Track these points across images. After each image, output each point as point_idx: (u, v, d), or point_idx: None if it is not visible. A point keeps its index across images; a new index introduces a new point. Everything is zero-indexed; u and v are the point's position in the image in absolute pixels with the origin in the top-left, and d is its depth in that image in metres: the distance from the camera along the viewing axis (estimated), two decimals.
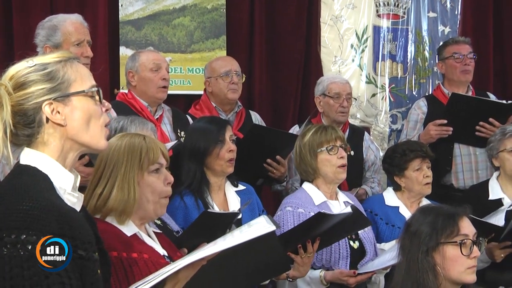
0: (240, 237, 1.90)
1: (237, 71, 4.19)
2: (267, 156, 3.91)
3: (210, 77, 4.22)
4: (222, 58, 4.47)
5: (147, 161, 2.28)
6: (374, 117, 5.24)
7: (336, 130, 3.44)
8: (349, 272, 3.23)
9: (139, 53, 4.01)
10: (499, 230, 3.52)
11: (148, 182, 2.29)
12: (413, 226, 2.34)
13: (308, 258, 3.06)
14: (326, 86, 4.29)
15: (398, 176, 3.74)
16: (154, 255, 2.24)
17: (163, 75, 3.85)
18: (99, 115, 1.81)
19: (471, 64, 4.52)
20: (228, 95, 4.14)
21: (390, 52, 5.30)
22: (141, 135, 2.37)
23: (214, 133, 3.24)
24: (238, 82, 4.19)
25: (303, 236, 3.02)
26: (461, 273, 2.30)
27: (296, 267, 3.06)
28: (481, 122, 4.24)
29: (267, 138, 3.93)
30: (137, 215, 2.28)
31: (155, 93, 3.83)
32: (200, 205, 3.15)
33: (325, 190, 3.40)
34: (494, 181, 3.94)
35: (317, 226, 2.98)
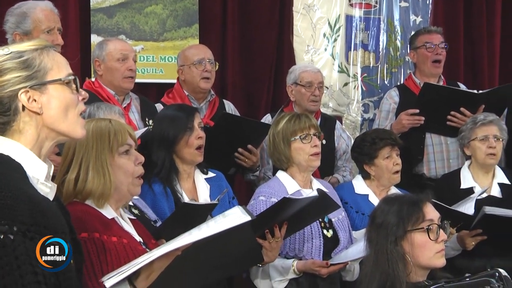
0: (215, 227, 1.91)
1: (210, 59, 4.19)
2: (238, 145, 3.91)
3: (183, 65, 4.21)
4: (195, 46, 4.47)
5: (116, 144, 2.30)
6: (346, 106, 5.27)
7: (310, 118, 3.46)
8: (322, 263, 3.25)
9: (106, 41, 3.98)
10: (468, 219, 3.57)
11: (120, 164, 2.31)
12: (379, 218, 2.36)
13: (276, 243, 3.07)
14: (298, 75, 4.31)
15: (367, 164, 3.77)
16: (132, 241, 2.25)
17: (129, 65, 3.83)
18: (75, 104, 1.80)
19: (442, 54, 4.56)
20: (200, 84, 4.14)
21: (362, 42, 5.32)
22: (106, 119, 2.40)
23: (183, 120, 3.24)
24: (211, 70, 4.18)
25: (270, 221, 3.04)
26: (430, 258, 2.32)
27: (265, 252, 3.07)
28: (453, 111, 4.28)
29: (238, 127, 3.93)
30: (113, 199, 2.30)
31: (121, 83, 3.81)
32: (169, 193, 3.16)
33: (299, 179, 3.42)
34: (466, 170, 3.98)
35: (284, 211, 3.00)
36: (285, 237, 3.17)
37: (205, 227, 1.93)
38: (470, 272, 2.37)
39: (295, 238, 3.30)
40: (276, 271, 3.28)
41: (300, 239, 3.32)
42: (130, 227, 2.35)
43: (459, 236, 3.68)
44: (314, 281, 3.31)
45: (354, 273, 3.46)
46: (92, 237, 2.12)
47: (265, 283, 3.32)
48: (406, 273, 2.29)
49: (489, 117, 3.93)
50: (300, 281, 3.31)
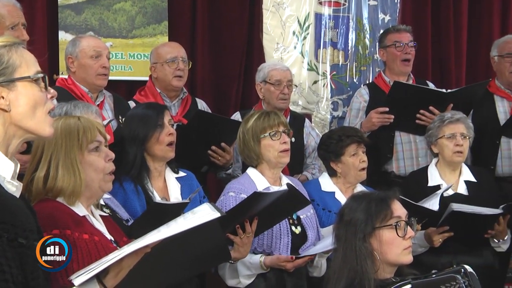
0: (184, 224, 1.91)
1: (183, 58, 4.19)
2: (212, 143, 3.92)
3: (155, 62, 4.20)
4: (169, 44, 4.46)
5: (86, 141, 2.30)
6: (315, 104, 5.29)
7: (279, 116, 3.48)
8: (287, 257, 3.28)
9: (79, 38, 3.95)
10: (433, 215, 3.61)
11: (90, 161, 2.30)
12: (347, 215, 2.37)
13: (248, 239, 3.10)
14: (267, 73, 4.32)
15: (334, 162, 3.79)
16: (103, 239, 2.25)
17: (103, 63, 3.82)
18: (44, 101, 1.79)
19: (411, 53, 4.60)
20: (172, 82, 4.15)
21: (332, 40, 5.34)
22: (75, 116, 2.40)
23: (153, 118, 3.25)
24: (184, 69, 4.19)
25: (240, 216, 3.06)
26: (398, 255, 2.34)
27: (236, 248, 3.11)
28: (422, 110, 4.31)
29: (212, 124, 3.93)
30: (84, 196, 2.30)
31: (94, 80, 3.79)
32: (140, 191, 3.16)
33: (269, 175, 3.45)
34: (433, 168, 4.02)
35: (254, 205, 3.02)
36: (257, 234, 3.20)
37: (173, 224, 1.93)
38: (436, 268, 2.41)
39: (263, 234, 3.32)
40: (244, 266, 3.30)
41: (268, 236, 3.34)
42: (101, 225, 2.34)
43: (426, 233, 3.72)
44: (281, 276, 3.34)
45: (321, 269, 3.49)
46: (64, 233, 2.11)
47: (233, 279, 3.34)
48: (374, 269, 2.31)
49: (456, 115, 3.97)
50: (267, 277, 3.34)
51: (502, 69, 4.62)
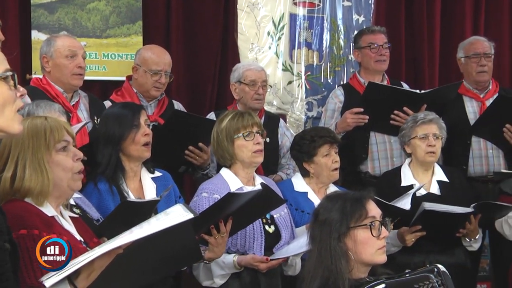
0: (156, 225, 1.90)
1: (167, 72, 4.20)
2: (189, 142, 3.90)
3: (139, 65, 4.17)
4: (158, 53, 4.28)
5: (53, 140, 2.28)
6: (290, 104, 5.29)
7: (253, 116, 3.49)
8: (261, 258, 3.28)
9: (54, 38, 3.91)
10: (406, 214, 3.63)
11: (58, 161, 2.29)
12: (322, 215, 2.37)
13: (222, 239, 3.09)
14: (241, 73, 4.32)
15: (307, 162, 3.80)
16: (72, 240, 2.22)
17: (78, 62, 3.78)
18: (13, 100, 1.77)
19: (386, 54, 4.63)
20: (151, 92, 4.16)
21: (306, 40, 5.34)
22: (42, 116, 2.39)
23: (129, 118, 3.23)
24: (165, 83, 4.19)
25: (215, 217, 3.05)
26: (372, 255, 2.35)
27: (211, 248, 3.10)
28: (396, 110, 4.34)
29: (189, 124, 3.92)
30: (53, 196, 2.28)
31: (69, 80, 3.76)
32: (115, 192, 3.14)
33: (242, 175, 3.45)
34: (406, 168, 4.04)
35: (228, 206, 3.01)
36: (231, 234, 3.19)
37: (146, 225, 1.92)
38: (410, 268, 2.41)
39: (237, 234, 3.31)
40: (218, 266, 3.29)
41: (242, 235, 3.33)
42: (71, 226, 2.33)
43: (399, 232, 3.74)
44: (255, 275, 3.34)
45: (296, 268, 3.49)
46: (32, 233, 2.10)
47: (207, 278, 3.33)
48: (348, 269, 2.31)
49: (429, 116, 4.00)
50: (242, 276, 3.34)
51: (469, 69, 4.66)
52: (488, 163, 4.53)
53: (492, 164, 4.52)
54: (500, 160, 4.53)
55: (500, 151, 4.53)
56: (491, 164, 4.53)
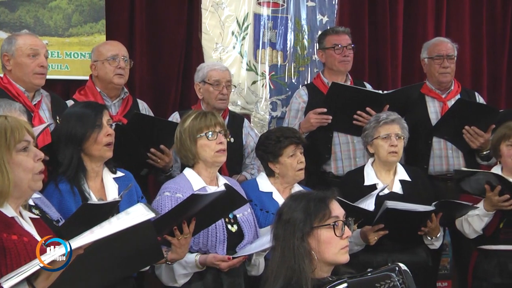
0: (117, 225, 1.88)
1: (124, 56, 4.16)
2: (151, 145, 3.88)
3: (96, 60, 4.15)
4: (110, 42, 4.41)
5: (13, 141, 2.25)
6: (254, 104, 5.29)
7: (216, 116, 3.48)
8: (222, 257, 3.28)
9: (16, 36, 3.86)
10: (369, 215, 3.66)
11: (18, 161, 2.26)
12: (286, 214, 2.37)
13: (185, 240, 3.08)
14: (205, 73, 4.31)
15: (272, 162, 3.80)
16: (33, 240, 2.20)
17: (40, 62, 3.73)
18: None
19: (350, 56, 4.66)
20: (113, 80, 4.10)
21: (270, 40, 5.35)
22: (2, 116, 2.34)
23: (91, 117, 3.19)
24: (125, 68, 4.14)
25: (178, 218, 3.03)
26: (335, 254, 2.35)
27: (174, 250, 3.09)
28: (359, 111, 4.37)
29: (150, 127, 3.90)
30: (13, 197, 2.25)
31: (31, 79, 3.71)
32: (76, 192, 3.10)
33: (205, 175, 3.44)
34: (369, 167, 4.07)
35: (192, 207, 3.00)
36: (194, 234, 3.17)
37: (107, 224, 1.90)
38: (372, 267, 2.42)
39: (199, 233, 3.30)
40: (179, 265, 3.28)
41: (204, 235, 3.33)
42: (31, 227, 2.30)
43: (362, 231, 3.78)
44: (218, 275, 3.34)
45: (259, 268, 3.50)
46: None
47: (170, 278, 3.32)
48: (311, 268, 2.31)
49: (391, 116, 4.03)
50: (204, 276, 3.33)
51: (432, 70, 4.73)
52: (448, 162, 4.61)
53: (452, 164, 4.59)
54: (460, 160, 4.60)
55: (459, 152, 4.60)
56: (451, 164, 4.60)
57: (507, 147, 4.04)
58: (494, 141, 4.14)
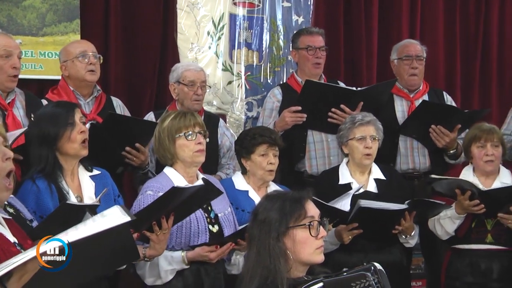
0: (93, 227, 1.86)
1: (94, 52, 4.12)
2: (126, 143, 3.86)
3: (66, 60, 4.11)
4: (77, 40, 4.41)
5: None
6: (230, 105, 5.29)
7: (195, 116, 3.49)
8: (211, 247, 3.28)
9: None
10: (344, 215, 3.68)
11: None
12: (261, 214, 2.37)
13: (164, 235, 3.08)
14: (180, 73, 4.30)
15: (244, 158, 3.82)
16: (4, 242, 2.18)
17: (13, 63, 3.68)
18: None
19: (322, 57, 4.68)
20: (86, 77, 4.06)
21: (246, 40, 5.35)
22: None
23: (63, 116, 3.18)
24: (96, 63, 4.10)
25: (158, 213, 3.03)
26: (310, 254, 2.36)
27: (152, 246, 3.09)
28: (333, 108, 4.38)
29: (126, 126, 3.88)
30: None
31: (3, 82, 3.66)
32: (54, 190, 3.08)
33: (184, 174, 3.43)
34: (344, 167, 4.08)
35: (171, 201, 2.99)
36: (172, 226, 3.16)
37: (82, 226, 1.88)
38: (347, 266, 2.42)
39: (181, 233, 3.32)
40: (165, 261, 3.28)
41: (186, 234, 3.33)
42: (4, 228, 2.26)
43: (336, 230, 3.79)
44: (198, 274, 3.35)
45: (239, 267, 3.50)
46: None
47: (153, 276, 3.31)
48: (287, 268, 2.32)
49: (367, 117, 4.05)
50: (184, 275, 3.33)
51: (402, 72, 4.76)
52: (414, 161, 4.64)
53: (418, 162, 4.63)
54: (426, 159, 4.64)
55: (425, 150, 4.64)
56: (416, 162, 4.63)
57: (478, 148, 4.07)
58: (465, 143, 4.18)
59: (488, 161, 4.04)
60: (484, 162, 4.05)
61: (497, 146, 4.06)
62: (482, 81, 6.17)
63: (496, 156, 4.05)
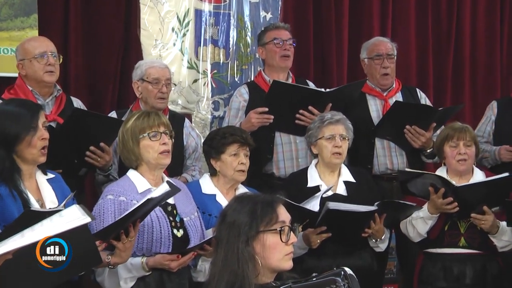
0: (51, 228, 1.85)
1: (52, 52, 4.09)
2: (90, 143, 3.83)
3: (23, 59, 4.07)
4: (36, 38, 4.34)
5: None
6: (195, 104, 5.28)
7: (160, 116, 3.47)
8: (172, 256, 3.27)
9: None
10: (314, 216, 3.70)
11: None
12: (230, 216, 2.37)
13: (130, 243, 3.08)
14: (144, 70, 4.28)
15: (214, 159, 3.83)
16: None
17: None
18: None
19: (290, 50, 4.70)
20: (44, 78, 4.04)
21: (212, 37, 5.35)
22: None
23: (27, 118, 3.09)
24: (55, 64, 4.08)
25: (128, 222, 3.03)
26: (280, 260, 2.37)
27: (118, 253, 3.07)
28: (301, 110, 4.40)
29: (90, 123, 3.85)
30: None
31: None
32: (16, 196, 3.01)
33: (150, 177, 3.42)
34: (313, 169, 4.12)
35: (143, 211, 3.00)
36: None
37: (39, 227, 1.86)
38: (317, 272, 2.44)
39: (143, 238, 3.30)
40: (125, 268, 3.26)
41: (148, 239, 3.32)
42: None
43: (304, 234, 3.81)
44: (161, 281, 3.34)
45: (205, 274, 3.50)
46: None
47: (113, 283, 3.29)
48: (255, 274, 2.32)
49: (336, 116, 4.09)
50: (147, 282, 3.32)
51: (373, 71, 4.81)
52: (392, 162, 4.69)
53: (396, 163, 4.68)
54: (404, 159, 4.69)
55: (403, 151, 4.68)
56: (395, 163, 4.68)
57: (451, 148, 4.13)
58: (438, 143, 4.24)
59: (461, 160, 4.10)
60: (457, 162, 4.11)
61: (470, 145, 4.12)
62: (455, 79, 6.26)
63: (469, 155, 4.11)
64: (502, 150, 4.69)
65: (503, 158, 4.69)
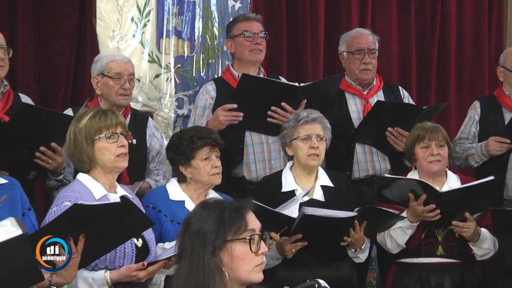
0: None
1: (2, 45, 4.07)
2: (40, 143, 3.81)
3: None
4: None
5: None
6: (157, 101, 5.28)
7: (117, 115, 3.44)
8: (137, 266, 3.25)
9: None
10: (292, 223, 3.69)
11: None
12: (195, 224, 2.36)
13: (73, 260, 3.01)
14: (105, 64, 4.27)
15: (184, 165, 3.81)
16: None
17: None
18: None
19: (262, 44, 4.71)
20: None
21: (176, 28, 5.35)
22: None
23: None
24: (4, 58, 4.07)
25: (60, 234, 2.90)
26: (249, 272, 2.35)
27: (59, 272, 3.00)
28: (273, 107, 4.42)
29: (40, 121, 3.83)
30: None
31: None
32: None
33: (104, 182, 3.39)
34: (288, 172, 4.13)
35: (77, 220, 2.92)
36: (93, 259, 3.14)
37: None
38: (290, 284, 2.45)
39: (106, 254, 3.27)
40: (86, 283, 3.22)
41: None
42: None
43: (278, 243, 3.78)
44: None
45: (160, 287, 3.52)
46: None
47: None
48: (221, 287, 2.31)
49: (313, 114, 4.09)
50: None
51: (352, 66, 4.84)
52: (374, 167, 4.73)
53: (378, 168, 4.72)
54: (387, 164, 4.74)
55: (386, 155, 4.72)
56: (377, 168, 4.72)
57: (422, 149, 4.19)
58: (408, 145, 4.27)
59: (434, 161, 4.16)
60: (429, 163, 4.16)
61: (443, 145, 4.18)
62: (440, 75, 6.32)
63: (443, 156, 4.17)
64: (491, 141, 4.72)
65: (492, 150, 4.72)
